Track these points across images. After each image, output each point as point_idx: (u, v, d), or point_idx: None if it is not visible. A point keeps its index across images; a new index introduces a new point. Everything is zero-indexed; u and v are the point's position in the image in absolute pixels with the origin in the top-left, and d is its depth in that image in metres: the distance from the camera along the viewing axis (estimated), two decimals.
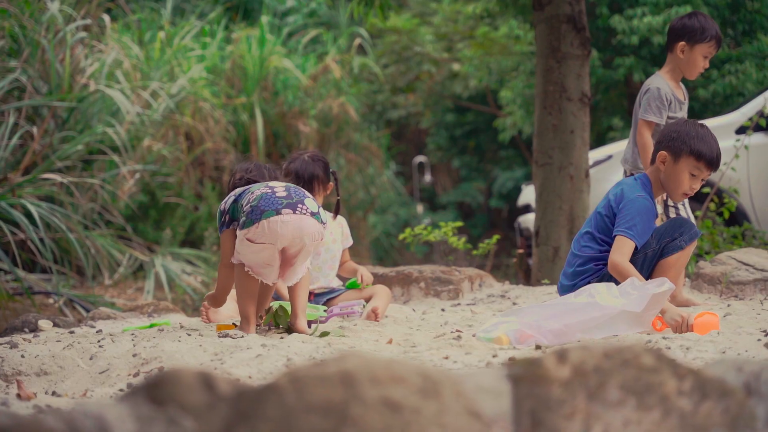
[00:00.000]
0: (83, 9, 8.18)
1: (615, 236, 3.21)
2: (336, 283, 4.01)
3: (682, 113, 4.03)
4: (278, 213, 3.03)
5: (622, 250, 3.16)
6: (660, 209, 3.83)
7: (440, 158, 16.02)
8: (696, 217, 5.46)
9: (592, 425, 1.31)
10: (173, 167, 8.56)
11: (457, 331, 3.24)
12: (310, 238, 3.09)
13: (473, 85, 12.28)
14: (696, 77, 4.08)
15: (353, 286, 3.91)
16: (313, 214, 3.11)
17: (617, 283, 3.05)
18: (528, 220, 7.04)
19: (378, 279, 4.56)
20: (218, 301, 3.38)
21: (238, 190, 3.28)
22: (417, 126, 16.02)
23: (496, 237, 5.76)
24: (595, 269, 3.26)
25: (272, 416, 1.15)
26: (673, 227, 3.21)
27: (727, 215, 5.48)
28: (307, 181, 3.90)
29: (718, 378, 1.41)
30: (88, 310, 5.52)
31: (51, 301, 5.97)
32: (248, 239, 3.03)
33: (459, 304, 4.34)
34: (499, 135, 11.52)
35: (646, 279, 3.20)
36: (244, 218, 3.07)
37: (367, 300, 3.84)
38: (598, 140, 9.90)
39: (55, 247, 6.32)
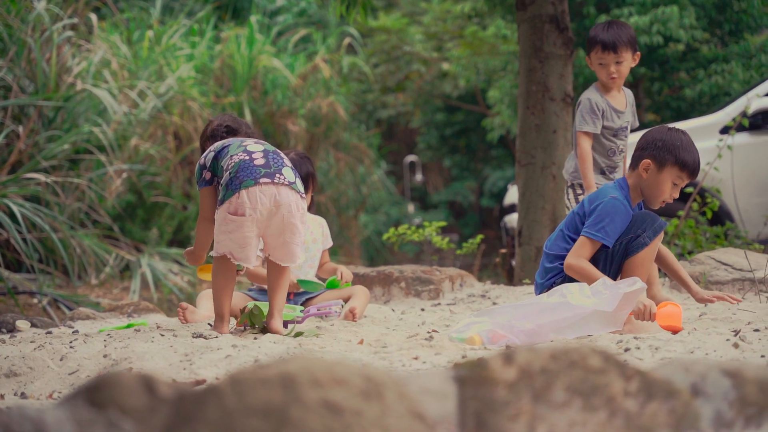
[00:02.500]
0: (70, 8, 8.17)
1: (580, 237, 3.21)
2: None
3: (623, 121, 3.99)
4: (256, 182, 3.04)
5: (579, 251, 3.16)
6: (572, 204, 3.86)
7: (431, 157, 16.04)
8: (678, 217, 5.49)
9: (536, 426, 1.32)
10: (161, 167, 8.55)
11: (433, 331, 3.25)
12: (286, 208, 3.08)
13: (462, 85, 12.30)
14: (612, 85, 3.93)
15: (333, 286, 3.92)
16: (290, 184, 3.11)
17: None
18: (514, 220, 7.05)
19: (359, 279, 4.57)
20: (197, 256, 3.33)
21: (217, 145, 3.24)
22: (407, 125, 16.03)
23: (480, 236, 5.78)
24: (561, 267, 3.27)
25: (212, 418, 1.16)
26: (635, 223, 3.17)
27: (710, 215, 5.50)
28: (303, 179, 3.93)
29: (665, 379, 1.42)
30: (72, 310, 5.52)
31: (35, 301, 5.96)
32: (230, 213, 3.04)
33: (439, 304, 4.34)
34: (488, 134, 11.54)
35: (614, 278, 3.20)
36: (223, 192, 3.07)
37: (346, 300, 3.85)
38: None
39: (40, 247, 6.32)
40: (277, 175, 3.09)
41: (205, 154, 3.28)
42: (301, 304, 3.86)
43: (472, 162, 15.60)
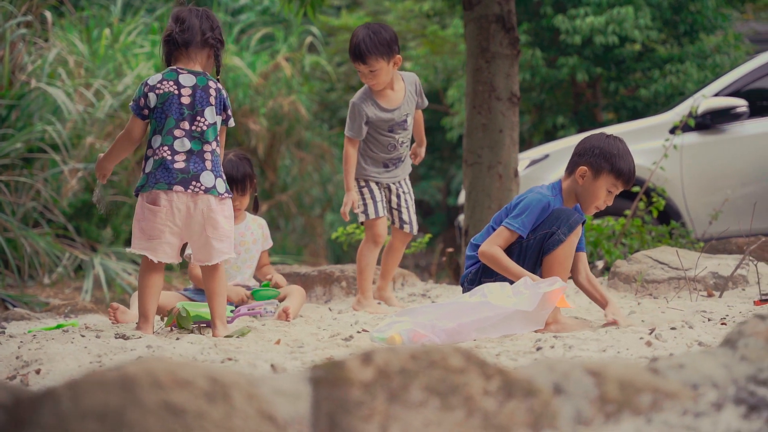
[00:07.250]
0: (24, 5, 8.08)
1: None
2: (252, 283, 4.03)
3: (399, 115, 3.99)
4: (170, 187, 3.03)
5: (494, 240, 3.19)
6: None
7: None
8: (625, 216, 5.53)
9: (389, 426, 1.32)
10: (118, 166, 8.47)
11: (363, 330, 3.26)
12: (205, 204, 3.06)
13: (424, 84, 12.31)
14: (376, 87, 3.92)
15: (267, 288, 3.93)
16: (207, 191, 3.07)
17: (511, 282, 3.07)
18: None
19: (300, 279, 4.57)
20: (102, 166, 3.18)
21: (162, 95, 3.07)
22: None
23: (428, 236, 5.79)
24: (478, 257, 3.31)
25: (48, 423, 1.15)
26: (550, 220, 3.17)
27: (655, 214, 5.55)
28: (240, 180, 3.95)
29: (526, 378, 1.43)
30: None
31: None
32: (147, 202, 3.06)
33: (380, 303, 4.35)
34: (447, 134, 11.57)
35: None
36: (143, 179, 3.08)
37: (282, 300, 3.85)
38: (548, 139, 9.96)
39: None
40: (193, 183, 3.05)
41: (153, 85, 3.08)
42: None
43: (439, 161, 15.61)
